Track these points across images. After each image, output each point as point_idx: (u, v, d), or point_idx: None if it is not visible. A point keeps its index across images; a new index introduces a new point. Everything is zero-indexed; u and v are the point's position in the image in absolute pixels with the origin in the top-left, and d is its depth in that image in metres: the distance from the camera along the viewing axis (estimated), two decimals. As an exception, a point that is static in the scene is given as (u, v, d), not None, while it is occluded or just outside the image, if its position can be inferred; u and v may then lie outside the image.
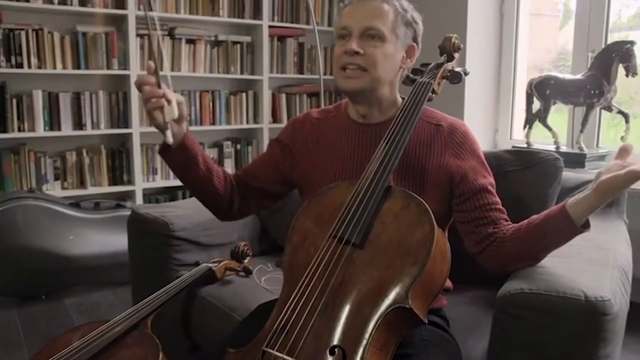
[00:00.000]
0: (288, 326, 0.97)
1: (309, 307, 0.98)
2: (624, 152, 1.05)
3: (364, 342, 0.93)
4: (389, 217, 1.07)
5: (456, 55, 1.33)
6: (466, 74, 1.32)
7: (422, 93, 1.23)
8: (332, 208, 1.11)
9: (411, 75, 1.31)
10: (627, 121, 2.51)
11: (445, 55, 1.32)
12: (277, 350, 0.94)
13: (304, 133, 1.37)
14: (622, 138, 2.53)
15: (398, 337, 1.01)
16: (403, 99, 1.31)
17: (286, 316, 0.99)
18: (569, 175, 1.71)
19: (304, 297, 1.00)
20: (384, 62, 1.19)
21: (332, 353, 0.93)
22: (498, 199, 1.24)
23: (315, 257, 1.04)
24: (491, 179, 1.26)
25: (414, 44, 1.26)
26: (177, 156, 1.23)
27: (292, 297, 1.01)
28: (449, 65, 1.31)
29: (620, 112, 2.54)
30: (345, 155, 1.29)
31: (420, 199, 1.07)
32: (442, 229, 1.24)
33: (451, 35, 1.32)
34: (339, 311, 0.97)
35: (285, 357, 0.93)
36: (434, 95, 1.26)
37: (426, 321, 1.00)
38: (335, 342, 0.94)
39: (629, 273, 1.27)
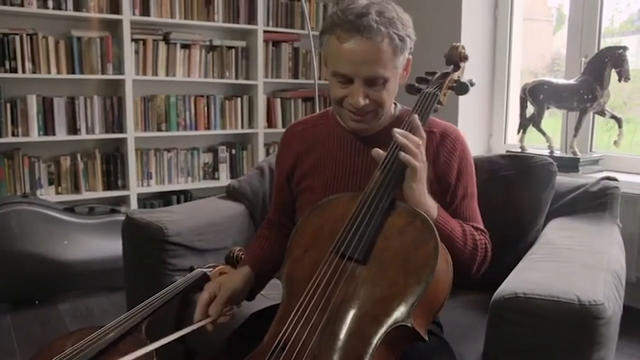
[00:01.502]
0: (288, 344, 0.95)
1: (310, 325, 0.96)
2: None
3: None
4: (392, 232, 1.03)
5: (462, 64, 1.29)
6: (472, 84, 1.28)
7: (428, 105, 1.19)
8: (334, 221, 1.09)
9: (416, 85, 1.27)
10: (620, 126, 2.53)
11: (452, 64, 1.28)
12: None
13: (293, 149, 1.36)
14: (615, 142, 2.54)
15: (398, 355, 1.00)
16: (396, 104, 1.30)
17: (286, 334, 0.97)
18: (563, 179, 1.72)
19: (305, 315, 0.98)
20: (388, 98, 1.17)
21: None
22: (472, 208, 1.26)
23: (316, 273, 1.02)
24: (471, 189, 1.27)
25: (409, 57, 1.21)
26: (257, 286, 1.31)
27: (293, 314, 0.99)
28: (455, 75, 1.28)
29: (613, 116, 2.56)
30: (338, 164, 1.27)
31: (425, 215, 1.04)
32: None
33: (458, 44, 1.28)
34: (340, 330, 0.95)
35: None
36: (439, 106, 1.22)
37: (427, 338, 0.98)
38: None
39: (623, 277, 1.28)
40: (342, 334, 0.95)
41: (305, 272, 1.05)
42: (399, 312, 0.95)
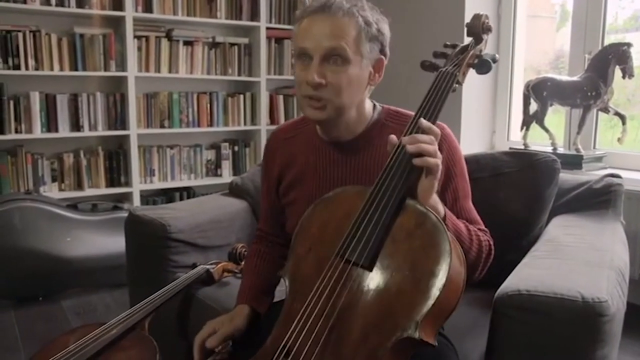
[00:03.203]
0: (292, 352, 0.93)
1: (314, 334, 0.93)
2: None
3: None
4: (401, 235, 0.97)
5: (485, 37, 1.15)
6: (495, 61, 1.14)
7: (446, 86, 1.08)
8: (339, 217, 1.04)
9: (432, 61, 1.16)
10: (623, 123, 2.52)
11: (472, 37, 1.15)
12: None
13: (277, 161, 1.31)
14: (618, 139, 2.53)
15: None
16: (374, 106, 1.24)
17: (290, 341, 0.94)
18: (566, 176, 1.72)
19: (309, 323, 0.94)
20: (348, 88, 1.09)
21: None
22: (467, 210, 1.20)
23: (321, 278, 0.98)
24: (463, 190, 1.20)
25: (382, 56, 1.15)
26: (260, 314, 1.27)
27: (296, 320, 0.96)
28: (477, 50, 1.14)
29: (617, 113, 2.55)
30: (319, 176, 1.23)
31: (437, 216, 0.96)
32: None
33: (481, 13, 1.15)
34: (344, 339, 0.92)
35: None
36: (458, 86, 1.09)
37: (436, 344, 0.92)
38: None
39: (626, 274, 1.27)
40: (347, 344, 0.92)
41: (309, 271, 1.01)
42: (406, 323, 0.89)
